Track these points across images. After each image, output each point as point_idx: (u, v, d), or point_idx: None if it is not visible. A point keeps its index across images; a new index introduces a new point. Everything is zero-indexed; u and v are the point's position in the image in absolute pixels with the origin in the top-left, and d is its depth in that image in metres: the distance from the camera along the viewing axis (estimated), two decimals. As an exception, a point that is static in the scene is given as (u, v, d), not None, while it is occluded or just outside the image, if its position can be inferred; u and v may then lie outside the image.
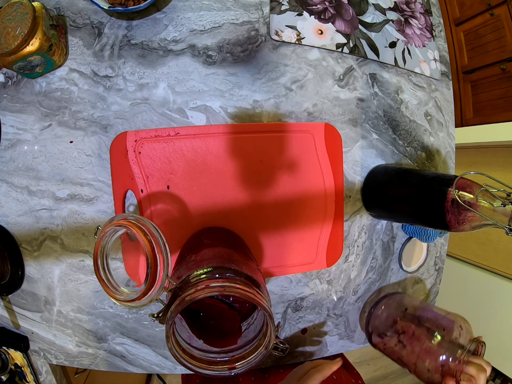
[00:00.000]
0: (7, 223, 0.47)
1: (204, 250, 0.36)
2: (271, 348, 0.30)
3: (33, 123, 0.46)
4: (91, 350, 0.51)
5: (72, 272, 0.48)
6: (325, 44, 0.52)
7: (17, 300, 0.49)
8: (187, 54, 0.48)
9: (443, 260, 0.65)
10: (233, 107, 0.49)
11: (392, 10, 0.58)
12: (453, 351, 0.42)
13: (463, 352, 0.41)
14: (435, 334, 0.44)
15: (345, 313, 0.58)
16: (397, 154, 0.57)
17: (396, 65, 0.57)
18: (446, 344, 0.43)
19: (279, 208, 0.50)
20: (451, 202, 0.37)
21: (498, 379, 1.45)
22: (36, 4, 0.40)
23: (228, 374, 0.30)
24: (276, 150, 0.49)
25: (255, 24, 0.50)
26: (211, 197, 0.47)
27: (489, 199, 0.34)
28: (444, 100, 0.62)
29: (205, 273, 0.29)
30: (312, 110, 0.52)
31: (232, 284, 0.28)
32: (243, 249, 0.41)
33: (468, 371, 0.41)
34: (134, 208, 0.47)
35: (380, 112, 0.56)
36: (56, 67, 0.46)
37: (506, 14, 1.36)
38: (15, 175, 0.47)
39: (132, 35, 0.47)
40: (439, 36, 0.63)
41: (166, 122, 0.47)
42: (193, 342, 0.32)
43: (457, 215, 0.37)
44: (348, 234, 0.55)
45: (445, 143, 0.62)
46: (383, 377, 1.73)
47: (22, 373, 0.52)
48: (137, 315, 0.50)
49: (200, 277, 0.29)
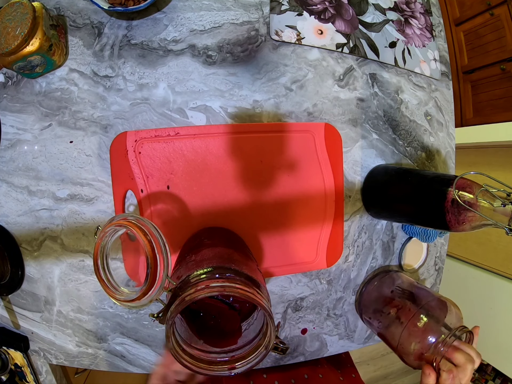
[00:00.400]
0: (7, 223, 0.47)
1: (204, 250, 0.36)
2: (271, 348, 0.30)
3: (33, 123, 0.46)
4: (91, 350, 0.51)
5: (72, 272, 0.48)
6: (325, 44, 0.52)
7: (17, 300, 0.49)
8: (187, 54, 0.48)
9: (443, 260, 0.65)
10: (233, 107, 0.49)
11: (392, 10, 0.58)
12: (439, 333, 0.41)
13: (448, 336, 0.40)
14: (421, 316, 0.43)
15: (345, 313, 0.58)
16: (397, 154, 0.57)
17: (396, 65, 0.57)
18: (433, 326, 0.42)
19: (279, 208, 0.50)
20: (451, 202, 0.37)
21: (498, 379, 1.45)
22: (36, 4, 0.40)
23: (228, 375, 0.30)
24: (276, 150, 0.49)
25: (255, 24, 0.50)
26: (211, 197, 0.47)
27: (489, 199, 0.34)
28: (444, 100, 0.62)
29: (205, 273, 0.29)
30: (312, 110, 0.52)
31: (232, 284, 0.28)
32: (243, 249, 0.41)
33: (454, 359, 0.38)
34: (134, 208, 0.47)
35: (380, 112, 0.56)
36: (56, 67, 0.46)
37: (506, 14, 1.36)
38: (15, 175, 0.46)
39: (132, 35, 0.47)
40: (439, 36, 0.63)
41: (166, 122, 0.47)
42: (193, 342, 0.32)
43: (457, 215, 0.37)
44: (348, 234, 0.55)
45: (445, 143, 0.62)
46: (383, 377, 1.73)
47: (22, 373, 0.52)
48: (137, 315, 0.50)
49: (200, 277, 0.28)
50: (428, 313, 0.44)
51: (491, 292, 1.27)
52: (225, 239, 0.44)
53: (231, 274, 0.29)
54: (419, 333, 0.43)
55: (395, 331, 0.47)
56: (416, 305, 0.46)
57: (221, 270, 0.30)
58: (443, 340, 0.40)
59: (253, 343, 0.31)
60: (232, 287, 0.27)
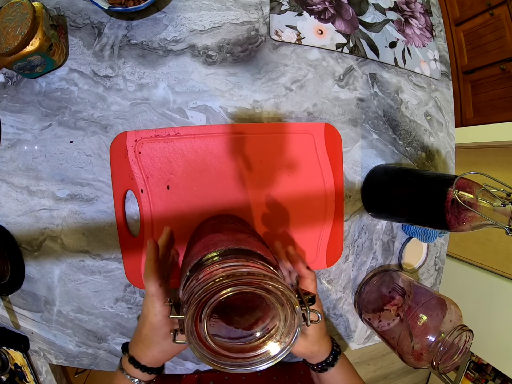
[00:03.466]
0: (7, 223, 0.47)
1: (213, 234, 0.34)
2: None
3: (33, 123, 0.46)
4: (91, 350, 0.51)
5: (72, 272, 0.48)
6: (325, 44, 0.52)
7: (17, 300, 0.49)
8: (187, 54, 0.48)
9: (443, 260, 0.65)
10: (233, 107, 0.49)
11: (392, 10, 0.58)
12: (438, 332, 0.41)
13: (448, 335, 0.40)
14: (421, 315, 0.44)
15: (345, 313, 0.58)
16: (397, 154, 0.57)
17: (396, 65, 0.57)
18: (432, 325, 0.42)
19: (279, 208, 0.50)
20: (451, 202, 0.37)
21: (498, 379, 1.45)
22: (36, 4, 0.40)
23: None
24: (276, 150, 0.49)
25: (255, 24, 0.50)
26: (211, 197, 0.47)
27: (489, 199, 0.34)
28: (444, 100, 0.62)
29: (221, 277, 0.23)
30: (312, 110, 0.52)
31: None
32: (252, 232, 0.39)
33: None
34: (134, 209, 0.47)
35: (380, 112, 0.56)
36: (56, 67, 0.46)
37: (506, 14, 1.36)
38: (15, 175, 0.46)
39: (132, 35, 0.47)
40: (439, 36, 0.63)
41: (166, 122, 0.47)
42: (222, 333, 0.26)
43: (457, 215, 0.37)
44: (348, 234, 0.55)
45: (445, 143, 0.62)
46: (383, 377, 1.73)
47: (22, 373, 0.52)
48: (137, 315, 0.50)
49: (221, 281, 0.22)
50: (427, 312, 0.44)
51: (491, 292, 1.27)
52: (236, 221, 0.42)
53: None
54: (419, 332, 0.43)
55: (394, 331, 0.47)
56: (415, 304, 0.46)
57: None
58: (443, 339, 0.40)
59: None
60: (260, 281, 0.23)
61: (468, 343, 0.42)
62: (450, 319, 0.43)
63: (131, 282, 0.47)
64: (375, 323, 0.51)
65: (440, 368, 0.40)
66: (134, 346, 0.36)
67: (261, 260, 0.28)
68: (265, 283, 0.23)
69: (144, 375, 0.35)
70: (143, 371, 0.35)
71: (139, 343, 0.35)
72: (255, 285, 0.23)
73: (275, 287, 0.23)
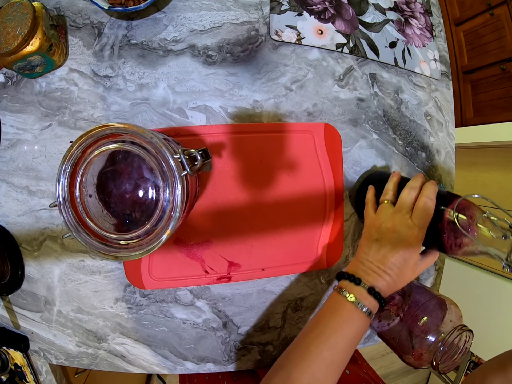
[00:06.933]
0: (7, 223, 0.47)
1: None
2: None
3: (33, 123, 0.46)
4: (91, 350, 0.51)
5: (72, 272, 0.48)
6: (325, 44, 0.52)
7: (17, 300, 0.49)
8: (187, 54, 0.48)
9: (443, 260, 0.65)
10: (233, 107, 0.49)
11: (392, 10, 0.58)
12: (438, 333, 0.40)
13: (448, 335, 0.39)
14: (421, 315, 0.43)
15: (345, 313, 0.58)
16: (397, 154, 0.57)
17: (396, 65, 0.57)
18: (432, 325, 0.41)
19: (279, 208, 0.50)
20: (447, 223, 0.35)
21: (498, 379, 1.45)
22: (36, 4, 0.40)
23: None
24: (276, 150, 0.49)
25: (255, 24, 0.50)
26: (211, 197, 0.47)
27: (490, 228, 0.31)
28: (444, 100, 0.62)
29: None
30: (312, 110, 0.52)
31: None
32: None
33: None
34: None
35: (380, 112, 0.56)
36: (56, 67, 0.46)
37: (506, 14, 1.36)
38: (15, 175, 0.47)
39: (132, 35, 0.47)
40: (439, 36, 0.63)
41: (166, 122, 0.47)
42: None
43: (454, 239, 0.35)
44: (348, 234, 0.55)
45: (445, 143, 0.62)
46: (383, 377, 1.73)
47: (22, 373, 0.52)
48: (137, 315, 0.50)
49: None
50: (427, 312, 0.44)
51: (491, 292, 1.27)
52: None
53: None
54: (419, 332, 0.43)
55: (394, 331, 0.47)
56: (415, 304, 0.46)
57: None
58: (443, 339, 0.40)
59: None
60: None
61: (468, 343, 0.42)
62: (450, 319, 0.42)
63: (131, 282, 0.47)
64: (375, 323, 0.51)
65: (440, 368, 0.40)
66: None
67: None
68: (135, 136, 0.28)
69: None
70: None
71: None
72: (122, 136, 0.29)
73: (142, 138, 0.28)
